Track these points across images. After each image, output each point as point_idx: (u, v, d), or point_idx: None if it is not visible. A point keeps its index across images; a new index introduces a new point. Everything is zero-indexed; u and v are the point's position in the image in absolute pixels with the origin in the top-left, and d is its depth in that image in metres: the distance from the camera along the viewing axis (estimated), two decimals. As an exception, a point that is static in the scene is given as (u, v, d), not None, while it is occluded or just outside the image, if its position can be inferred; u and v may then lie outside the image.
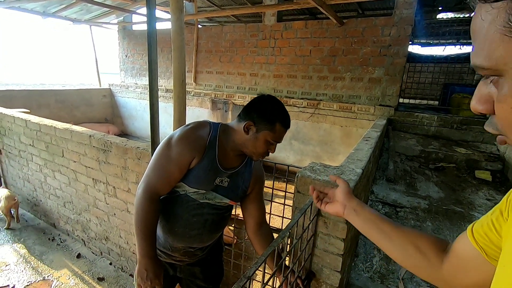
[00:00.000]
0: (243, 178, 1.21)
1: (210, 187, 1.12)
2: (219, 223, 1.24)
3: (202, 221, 1.16)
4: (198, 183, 1.10)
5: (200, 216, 1.15)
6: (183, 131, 1.09)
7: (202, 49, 6.06)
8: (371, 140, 2.44)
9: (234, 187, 1.18)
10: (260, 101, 1.10)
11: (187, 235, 1.17)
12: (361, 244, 2.22)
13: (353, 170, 1.54)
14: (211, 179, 1.11)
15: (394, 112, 4.17)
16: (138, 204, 1.08)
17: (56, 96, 6.66)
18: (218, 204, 1.18)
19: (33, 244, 2.87)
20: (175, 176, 1.08)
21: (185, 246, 1.22)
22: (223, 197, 1.16)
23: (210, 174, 1.10)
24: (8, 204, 3.10)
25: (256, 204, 1.28)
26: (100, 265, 2.62)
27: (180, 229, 1.16)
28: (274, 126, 1.07)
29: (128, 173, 2.23)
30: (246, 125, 1.07)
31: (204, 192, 1.13)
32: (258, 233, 1.28)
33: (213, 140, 1.10)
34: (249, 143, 1.10)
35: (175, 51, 1.65)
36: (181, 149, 1.06)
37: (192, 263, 1.33)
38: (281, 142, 1.14)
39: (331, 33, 4.57)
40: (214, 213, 1.18)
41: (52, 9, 6.02)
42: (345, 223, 1.33)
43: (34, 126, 2.96)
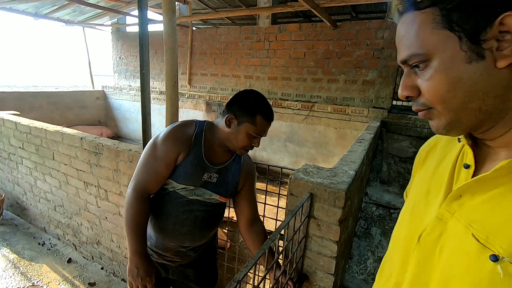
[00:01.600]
0: (233, 174, 1.20)
1: (198, 183, 1.13)
2: (210, 221, 1.22)
3: (192, 218, 1.15)
4: (186, 179, 1.10)
5: (189, 212, 1.15)
6: (168, 129, 1.12)
7: (197, 51, 6.05)
8: (365, 142, 2.44)
9: (224, 183, 1.17)
10: (242, 94, 1.11)
11: (178, 232, 1.16)
12: (355, 246, 2.22)
13: (346, 172, 1.54)
14: (199, 175, 1.12)
15: (387, 114, 4.20)
16: (128, 203, 1.09)
17: (49, 98, 6.57)
18: (208, 201, 1.17)
19: (22, 249, 2.81)
20: (163, 173, 1.10)
21: (176, 245, 1.21)
22: (212, 193, 1.16)
23: (197, 170, 1.11)
24: None
25: (247, 200, 1.27)
26: (92, 270, 2.57)
27: (170, 226, 1.16)
28: (255, 119, 1.06)
29: (120, 176, 2.20)
30: (228, 118, 1.09)
31: (192, 188, 1.13)
32: (250, 230, 1.26)
33: (199, 136, 1.12)
34: (231, 136, 1.10)
35: (168, 53, 1.63)
36: (166, 146, 1.08)
37: (185, 265, 1.31)
38: (264, 135, 1.13)
39: (325, 36, 4.60)
40: (204, 210, 1.17)
41: (44, 11, 5.95)
42: (338, 226, 1.32)
43: (24, 129, 2.90)
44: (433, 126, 0.46)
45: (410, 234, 0.51)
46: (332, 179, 1.40)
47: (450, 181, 0.49)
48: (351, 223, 1.88)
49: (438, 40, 0.40)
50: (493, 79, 0.38)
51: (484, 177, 0.41)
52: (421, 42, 0.41)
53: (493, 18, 0.36)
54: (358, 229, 2.41)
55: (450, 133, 0.46)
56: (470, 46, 0.38)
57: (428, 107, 0.44)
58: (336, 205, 1.30)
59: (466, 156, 0.48)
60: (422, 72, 0.43)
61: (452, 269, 0.42)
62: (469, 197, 0.43)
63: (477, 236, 0.39)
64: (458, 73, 0.39)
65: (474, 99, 0.40)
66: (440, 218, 0.46)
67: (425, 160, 0.62)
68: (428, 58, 0.41)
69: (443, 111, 0.43)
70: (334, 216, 1.32)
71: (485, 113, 0.41)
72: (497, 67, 0.37)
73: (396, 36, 0.46)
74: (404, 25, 0.43)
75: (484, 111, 0.40)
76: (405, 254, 0.51)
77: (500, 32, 0.36)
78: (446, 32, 0.39)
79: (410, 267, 0.49)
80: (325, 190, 1.32)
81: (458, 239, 0.42)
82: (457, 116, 0.42)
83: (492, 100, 0.39)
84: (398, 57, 0.46)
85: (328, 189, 1.31)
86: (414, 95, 0.45)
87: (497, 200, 0.40)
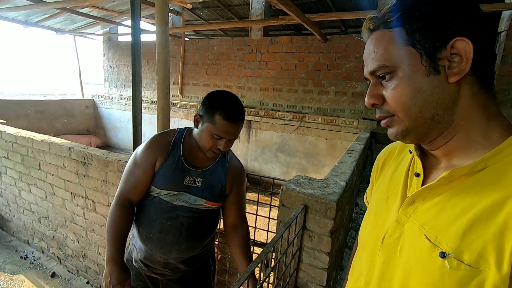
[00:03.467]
0: (218, 177, 1.17)
1: (180, 187, 1.11)
2: (198, 229, 1.17)
3: (178, 225, 1.12)
4: (166, 183, 1.10)
5: (174, 219, 1.11)
6: (148, 138, 1.17)
7: (189, 61, 6.08)
8: (355, 153, 2.48)
9: (209, 187, 1.14)
10: (210, 93, 1.10)
11: (163, 241, 1.13)
12: (346, 258, 2.21)
13: (337, 183, 1.55)
14: (180, 179, 1.10)
15: (376, 126, 4.28)
16: (110, 210, 1.12)
17: (36, 107, 6.45)
18: (194, 207, 1.13)
19: (3, 263, 2.69)
20: (142, 180, 1.11)
21: (164, 256, 1.17)
22: (197, 198, 1.13)
23: (177, 173, 1.10)
24: None
25: (234, 205, 1.23)
26: (76, 285, 2.48)
27: (156, 234, 1.13)
28: (213, 118, 1.02)
29: (108, 187, 2.16)
30: (195, 117, 1.10)
31: (176, 194, 1.11)
32: (234, 233, 1.23)
33: (177, 141, 1.14)
34: (198, 136, 1.10)
35: (160, 64, 1.64)
36: (145, 153, 1.12)
37: (175, 280, 1.25)
38: (230, 137, 1.05)
39: (315, 49, 4.71)
40: (189, 217, 1.13)
41: (34, 19, 5.91)
42: (329, 237, 1.33)
43: (9, 138, 2.83)
44: (392, 133, 0.51)
45: (375, 236, 0.57)
46: (324, 190, 1.41)
47: (404, 188, 0.56)
48: (342, 234, 1.89)
49: (403, 54, 0.46)
50: (445, 92, 0.45)
51: (431, 185, 0.48)
52: (389, 56, 0.47)
53: (447, 41, 0.43)
54: (349, 240, 2.41)
55: (405, 138, 0.51)
56: (429, 62, 0.45)
57: (391, 115, 0.50)
58: (327, 216, 1.31)
59: (416, 166, 0.55)
60: (387, 82, 0.49)
61: (410, 265, 0.47)
62: (421, 202, 0.50)
63: (428, 236, 0.45)
64: (418, 83, 0.45)
65: (430, 108, 0.46)
66: (399, 221, 0.52)
67: (383, 168, 0.69)
68: (393, 69, 0.47)
69: (404, 117, 0.48)
70: (326, 227, 1.32)
71: (435, 122, 0.47)
72: (449, 82, 0.44)
73: (365, 51, 0.52)
74: (374, 41, 0.50)
75: (435, 121, 0.47)
76: (372, 255, 0.57)
77: (451, 54, 0.43)
78: (410, 49, 0.46)
79: (377, 266, 0.55)
80: (317, 201, 1.32)
81: (414, 239, 0.48)
82: (414, 123, 0.48)
83: (442, 110, 0.46)
84: (365, 69, 0.52)
85: (319, 200, 1.32)
86: (379, 103, 0.51)
87: (442, 205, 0.46)
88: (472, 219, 0.41)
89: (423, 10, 0.44)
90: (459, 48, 0.43)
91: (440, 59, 0.44)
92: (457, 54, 0.43)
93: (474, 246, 0.39)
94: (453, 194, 0.45)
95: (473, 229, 0.40)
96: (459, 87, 0.45)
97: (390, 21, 0.47)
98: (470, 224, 0.41)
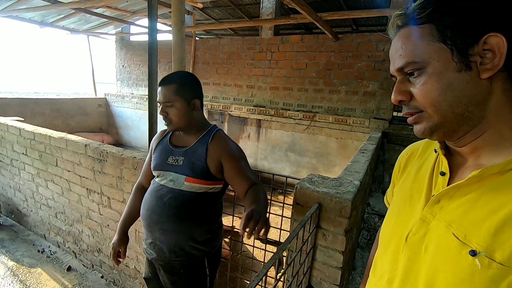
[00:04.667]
0: (198, 154, 1.19)
1: (164, 166, 1.22)
2: (181, 211, 1.18)
3: (161, 204, 1.19)
4: (155, 165, 1.25)
5: (159, 199, 1.20)
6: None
7: (199, 60, 6.12)
8: (368, 153, 2.46)
9: (189, 164, 1.19)
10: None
11: (149, 219, 1.22)
12: (358, 257, 2.20)
13: (351, 182, 1.55)
14: (164, 159, 1.23)
15: (388, 125, 4.23)
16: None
17: (51, 105, 6.61)
18: (177, 188, 1.18)
19: (21, 256, 2.78)
20: (147, 167, 1.34)
21: (151, 235, 1.23)
22: (178, 175, 1.18)
23: (163, 154, 1.25)
24: None
25: (234, 178, 1.19)
26: (91, 279, 2.54)
27: (145, 212, 1.24)
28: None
29: (123, 183, 2.20)
30: None
31: (163, 174, 1.23)
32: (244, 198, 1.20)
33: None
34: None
35: (175, 63, 1.66)
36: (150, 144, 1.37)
37: (164, 267, 1.26)
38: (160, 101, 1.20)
39: (326, 48, 4.68)
40: (172, 197, 1.18)
41: (50, 19, 6.05)
42: (344, 236, 1.33)
43: (28, 135, 2.92)
44: (419, 129, 0.51)
45: (398, 234, 0.58)
46: (338, 189, 1.40)
47: (429, 186, 0.56)
48: (355, 233, 1.88)
49: (433, 51, 0.46)
50: (477, 88, 0.45)
51: (459, 184, 0.48)
52: (418, 52, 0.47)
53: (479, 37, 0.43)
54: (361, 239, 2.39)
55: (433, 135, 0.51)
56: (460, 58, 0.44)
57: (419, 111, 0.50)
58: (342, 215, 1.31)
59: (442, 165, 0.55)
60: (415, 78, 0.49)
61: (437, 263, 0.48)
62: (447, 201, 0.50)
63: (457, 234, 0.45)
64: (449, 79, 0.45)
65: (460, 105, 0.46)
66: (424, 219, 0.52)
67: (405, 167, 0.69)
68: (423, 66, 0.47)
69: (433, 113, 0.48)
70: (340, 226, 1.32)
71: (465, 118, 0.47)
72: (481, 78, 0.44)
73: (391, 48, 0.53)
74: (402, 38, 0.50)
75: (465, 117, 0.47)
76: (395, 253, 0.57)
77: (483, 49, 0.43)
78: (440, 45, 0.45)
79: (400, 264, 0.55)
80: (331, 200, 1.33)
81: (441, 237, 0.48)
82: (443, 119, 0.48)
83: (473, 107, 0.46)
84: (392, 66, 0.52)
85: (334, 199, 1.32)
86: (407, 99, 0.51)
87: (470, 203, 0.46)
88: (504, 218, 0.41)
89: (454, 6, 0.44)
90: (492, 44, 0.42)
91: (472, 55, 0.44)
92: (490, 50, 0.43)
93: (506, 245, 0.39)
94: (483, 193, 0.45)
95: (505, 228, 0.40)
96: (491, 83, 0.45)
97: (420, 17, 0.47)
98: (502, 223, 0.41)
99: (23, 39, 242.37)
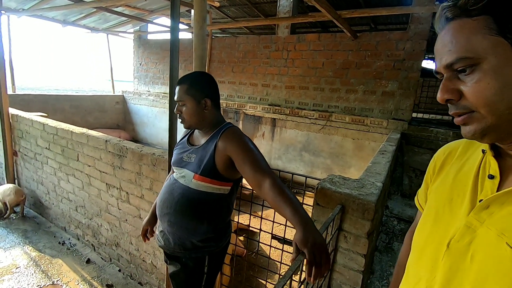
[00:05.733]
0: (208, 151, 1.20)
1: (180, 163, 1.26)
2: (188, 208, 1.19)
3: (171, 198, 1.24)
4: (173, 161, 1.31)
5: (171, 193, 1.25)
6: None
7: (215, 59, 6.15)
8: (388, 154, 2.39)
9: (199, 161, 1.20)
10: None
11: (161, 209, 1.28)
12: (377, 261, 2.15)
13: (373, 183, 1.51)
14: (180, 156, 1.28)
15: (407, 126, 4.11)
16: None
17: (71, 102, 6.80)
18: (186, 185, 1.21)
19: (43, 247, 2.88)
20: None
21: (162, 224, 1.30)
22: (188, 171, 1.21)
23: (180, 151, 1.30)
24: (16, 199, 3.30)
25: (244, 170, 1.13)
26: (109, 272, 2.59)
27: (159, 202, 1.30)
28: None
29: (142, 179, 2.23)
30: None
31: (177, 169, 1.27)
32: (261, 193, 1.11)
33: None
34: None
35: (197, 60, 1.66)
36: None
37: (169, 256, 1.33)
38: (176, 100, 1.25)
39: (344, 46, 4.59)
40: (182, 193, 1.21)
41: (72, 18, 6.22)
42: (366, 239, 1.29)
43: (51, 130, 3.01)
44: (469, 131, 0.47)
45: (436, 240, 0.54)
46: (360, 190, 1.37)
47: (474, 190, 0.52)
48: (374, 236, 1.83)
49: (489, 45, 0.42)
50: None
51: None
52: (471, 47, 0.43)
53: None
54: (379, 243, 2.34)
55: (484, 138, 0.47)
56: None
57: (470, 111, 0.46)
58: (365, 217, 1.28)
59: (490, 167, 0.51)
60: (467, 76, 0.45)
61: (486, 273, 0.44)
62: (498, 207, 0.46)
63: (511, 244, 0.42)
64: (508, 77, 0.41)
65: None
66: (469, 226, 0.49)
67: (442, 168, 0.65)
68: (477, 62, 0.43)
69: (487, 114, 0.44)
70: (363, 228, 1.29)
71: None
72: None
73: (438, 43, 0.48)
74: (452, 31, 0.46)
75: None
76: (433, 260, 0.54)
77: None
78: (499, 39, 0.41)
79: (440, 272, 0.52)
80: (354, 201, 1.30)
81: (491, 246, 0.44)
82: (498, 121, 0.44)
83: None
84: (438, 63, 0.48)
85: (357, 201, 1.29)
86: (455, 99, 0.47)
87: None
88: None
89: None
90: None
91: None
92: None
93: None
94: None
95: None
96: None
97: (475, 8, 0.43)
98: None
99: (46, 37, 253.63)
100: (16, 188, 3.35)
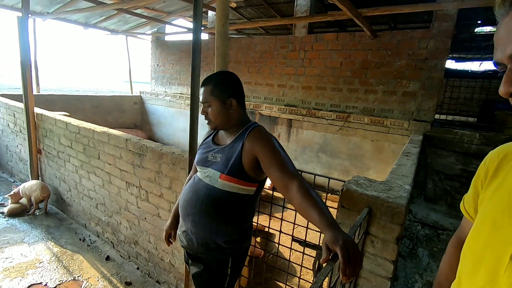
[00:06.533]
0: (234, 151, 1.17)
1: (204, 162, 1.25)
2: (212, 208, 1.18)
3: (195, 198, 1.22)
4: (197, 160, 1.30)
5: (195, 192, 1.23)
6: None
7: (231, 59, 6.15)
8: (412, 156, 2.30)
9: (226, 161, 1.18)
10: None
11: (184, 209, 1.26)
12: (401, 267, 2.07)
13: (401, 186, 1.44)
14: (205, 155, 1.26)
15: (430, 128, 3.96)
16: None
17: (91, 102, 7.00)
18: (211, 185, 1.19)
19: (65, 243, 2.95)
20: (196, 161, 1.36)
21: (185, 224, 1.28)
22: (214, 171, 1.19)
23: (205, 151, 1.28)
24: (42, 194, 3.41)
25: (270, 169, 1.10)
26: (128, 269, 2.62)
27: (182, 203, 1.28)
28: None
29: (161, 178, 2.24)
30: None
31: (202, 169, 1.25)
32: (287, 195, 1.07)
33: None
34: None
35: (219, 58, 1.65)
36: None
37: (191, 256, 1.31)
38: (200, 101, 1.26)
39: (363, 46, 4.49)
40: (206, 193, 1.20)
41: (93, 20, 6.41)
42: (395, 244, 1.23)
43: (73, 129, 3.09)
44: None
45: (496, 251, 0.50)
46: (388, 193, 1.31)
47: None
48: (400, 241, 1.76)
49: None
50: None
51: None
52: None
53: None
54: (402, 248, 2.25)
55: None
56: None
57: None
58: (394, 221, 1.22)
59: None
60: None
61: None
62: None
63: None
64: None
65: None
66: None
67: (496, 172, 0.60)
68: None
69: None
70: (392, 233, 1.23)
71: None
72: None
73: (501, 30, 0.45)
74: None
75: None
76: (492, 272, 0.50)
77: None
78: None
79: (502, 285, 0.48)
80: (382, 204, 1.24)
81: None
82: None
83: None
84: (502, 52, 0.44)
85: (385, 204, 1.23)
86: None
87: None
88: None
89: None
90: None
91: None
92: None
93: None
94: None
95: None
96: None
97: None
98: None
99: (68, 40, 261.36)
100: (42, 184, 3.46)
